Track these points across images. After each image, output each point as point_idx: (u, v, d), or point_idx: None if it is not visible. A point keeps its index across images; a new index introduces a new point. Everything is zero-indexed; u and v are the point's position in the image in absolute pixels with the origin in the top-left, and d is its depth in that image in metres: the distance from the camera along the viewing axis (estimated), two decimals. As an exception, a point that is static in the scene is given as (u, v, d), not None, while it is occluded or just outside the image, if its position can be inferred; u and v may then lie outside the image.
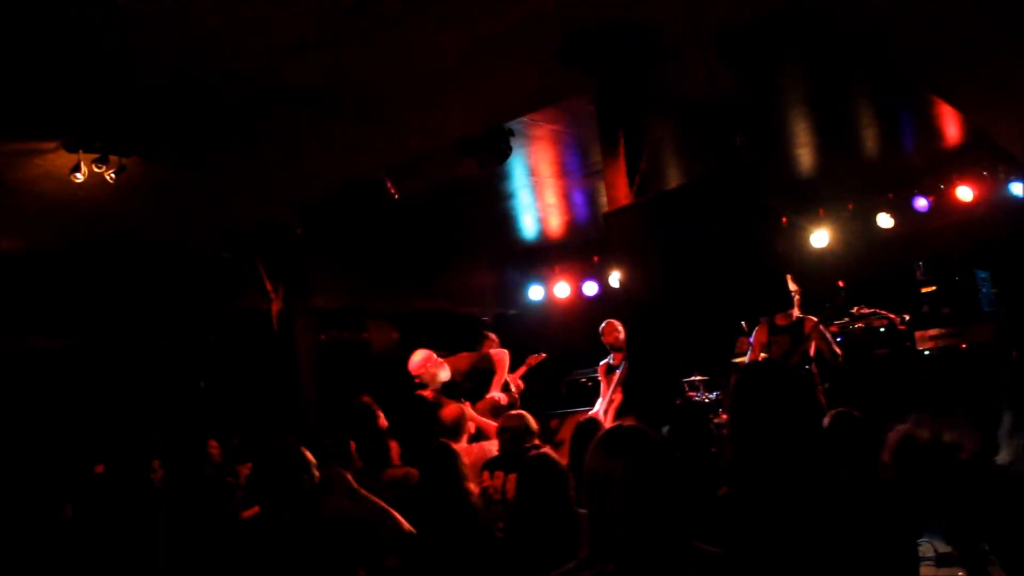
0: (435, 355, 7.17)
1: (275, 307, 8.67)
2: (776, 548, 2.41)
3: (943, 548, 5.32)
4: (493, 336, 8.21)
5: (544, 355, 8.65)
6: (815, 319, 6.50)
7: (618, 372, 7.94)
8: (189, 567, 4.76)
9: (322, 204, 6.81)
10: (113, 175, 5.32)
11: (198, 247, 7.88)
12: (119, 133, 5.12)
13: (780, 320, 6.59)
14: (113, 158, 5.30)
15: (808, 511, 2.42)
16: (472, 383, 7.36)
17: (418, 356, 7.10)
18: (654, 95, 5.77)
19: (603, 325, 8.22)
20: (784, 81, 6.25)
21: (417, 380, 7.10)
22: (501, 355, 7.55)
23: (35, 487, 7.51)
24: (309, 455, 3.95)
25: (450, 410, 6.04)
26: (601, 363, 8.38)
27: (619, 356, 7.99)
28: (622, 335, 7.75)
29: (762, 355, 6.69)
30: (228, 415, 9.09)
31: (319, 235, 8.04)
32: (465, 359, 7.46)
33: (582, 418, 5.75)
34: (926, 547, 5.17)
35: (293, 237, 7.50)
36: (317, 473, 4.03)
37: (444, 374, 7.15)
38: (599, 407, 8.13)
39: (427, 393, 7.01)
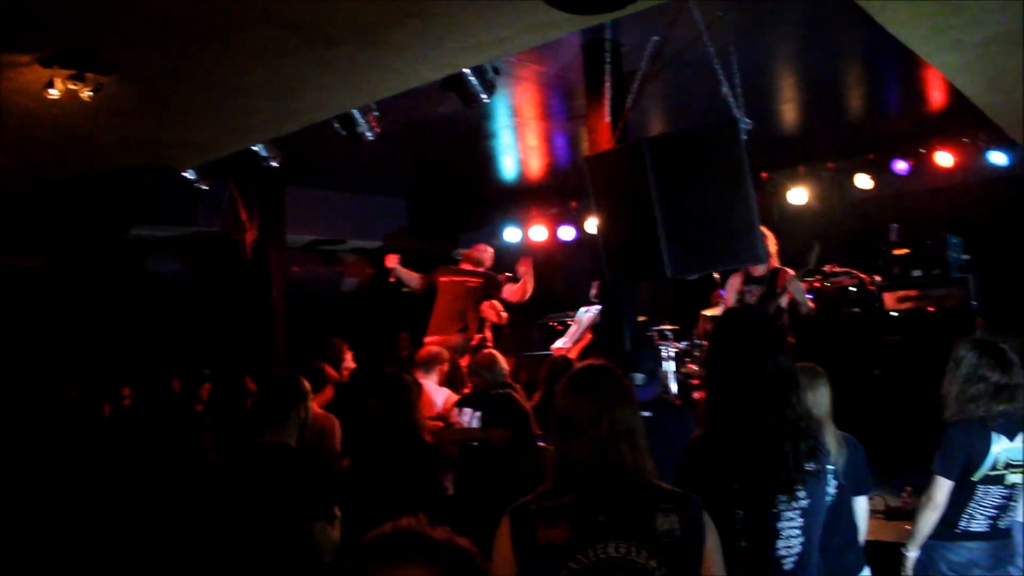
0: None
1: (249, 236, 8.60)
2: (739, 490, 2.48)
3: (893, 502, 5.50)
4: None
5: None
6: (791, 272, 6.56)
7: (588, 315, 7.99)
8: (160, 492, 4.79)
9: (302, 134, 6.69)
10: (90, 93, 5.18)
11: (173, 172, 7.74)
12: (98, 50, 4.98)
13: (756, 271, 6.64)
14: (90, 76, 5.15)
15: (772, 455, 2.49)
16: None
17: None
18: (642, 42, 5.72)
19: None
20: (772, 35, 6.22)
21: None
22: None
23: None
24: (307, 385, 3.94)
25: (427, 347, 6.14)
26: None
27: None
28: None
29: (735, 303, 6.75)
30: (199, 344, 9.06)
31: (297, 165, 7.94)
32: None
33: (557, 356, 5.80)
34: (876, 500, 5.32)
35: (270, 166, 7.39)
36: (312, 404, 4.03)
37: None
38: (560, 343, 8.18)
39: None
